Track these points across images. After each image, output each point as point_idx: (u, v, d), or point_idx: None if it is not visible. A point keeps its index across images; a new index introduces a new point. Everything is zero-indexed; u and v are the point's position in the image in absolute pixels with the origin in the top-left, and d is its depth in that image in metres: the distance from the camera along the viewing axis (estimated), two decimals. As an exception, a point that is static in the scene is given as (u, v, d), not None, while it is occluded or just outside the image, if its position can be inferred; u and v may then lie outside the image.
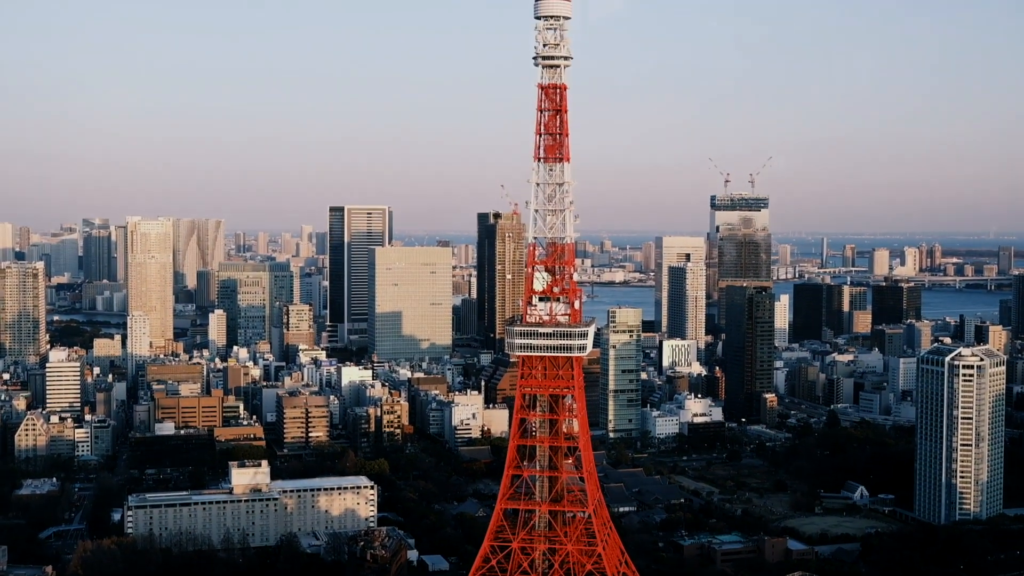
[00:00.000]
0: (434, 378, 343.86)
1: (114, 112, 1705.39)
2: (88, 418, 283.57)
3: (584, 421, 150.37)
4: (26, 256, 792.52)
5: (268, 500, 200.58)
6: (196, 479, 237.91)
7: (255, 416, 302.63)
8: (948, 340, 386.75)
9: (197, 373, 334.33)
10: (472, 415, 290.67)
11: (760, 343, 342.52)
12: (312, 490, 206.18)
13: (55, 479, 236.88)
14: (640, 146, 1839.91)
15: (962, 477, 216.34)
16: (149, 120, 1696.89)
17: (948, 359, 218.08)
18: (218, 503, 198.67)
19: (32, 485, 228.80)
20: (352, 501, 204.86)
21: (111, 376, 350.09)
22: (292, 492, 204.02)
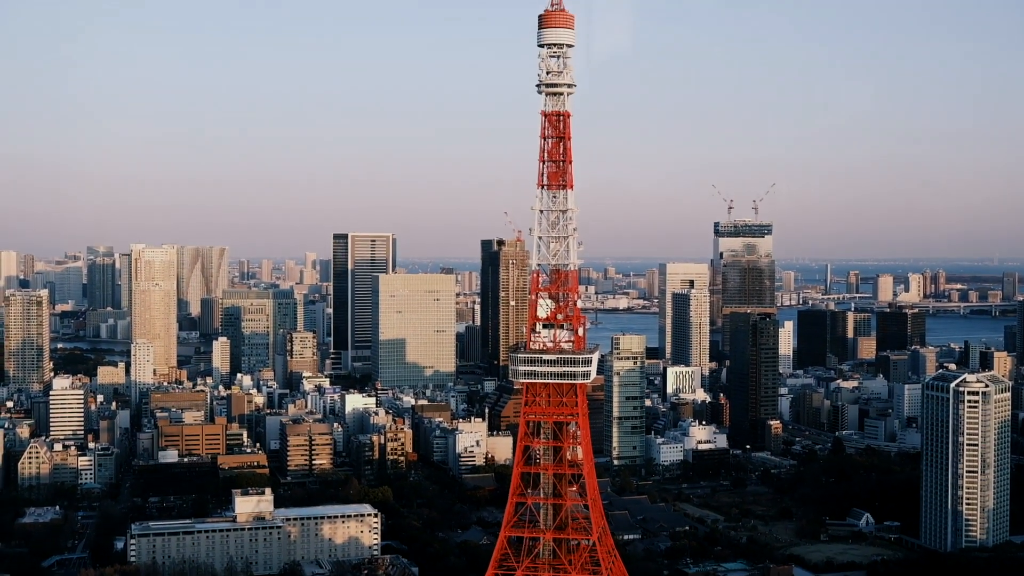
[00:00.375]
0: (438, 405, 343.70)
1: (118, 141, 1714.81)
2: (91, 446, 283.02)
3: (588, 448, 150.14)
4: (30, 284, 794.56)
5: (271, 528, 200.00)
6: (199, 507, 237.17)
7: (259, 444, 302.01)
8: (953, 366, 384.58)
9: (201, 401, 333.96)
10: (476, 442, 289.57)
11: (764, 370, 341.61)
12: (316, 518, 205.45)
13: (58, 507, 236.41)
14: (644, 173, 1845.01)
15: (968, 504, 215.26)
16: (153, 148, 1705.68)
17: (953, 385, 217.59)
18: (221, 531, 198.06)
19: (35, 513, 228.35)
20: (356, 529, 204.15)
21: (115, 404, 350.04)
22: (296, 520, 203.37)
